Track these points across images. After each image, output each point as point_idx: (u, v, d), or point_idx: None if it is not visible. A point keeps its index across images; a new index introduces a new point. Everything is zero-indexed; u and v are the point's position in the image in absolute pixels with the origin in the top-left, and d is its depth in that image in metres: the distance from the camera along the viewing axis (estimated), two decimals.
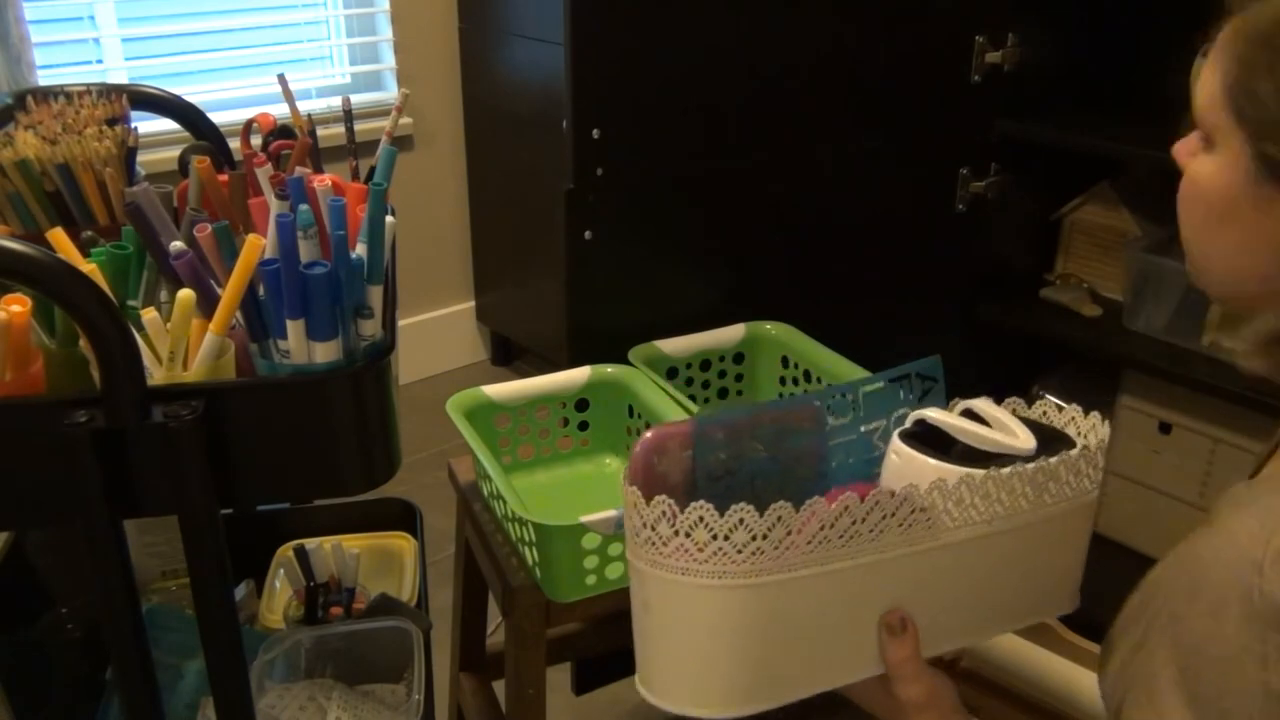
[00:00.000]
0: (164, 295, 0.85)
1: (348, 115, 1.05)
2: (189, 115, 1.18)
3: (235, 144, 1.11)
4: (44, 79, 2.00)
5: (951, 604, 0.77)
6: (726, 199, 1.45)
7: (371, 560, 1.17)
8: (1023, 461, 0.74)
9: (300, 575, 1.07)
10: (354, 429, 0.76)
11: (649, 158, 1.36)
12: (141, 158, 1.06)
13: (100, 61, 2.24)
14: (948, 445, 0.75)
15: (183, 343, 0.75)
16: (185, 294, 0.73)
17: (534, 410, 1.26)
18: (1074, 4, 1.73)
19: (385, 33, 2.57)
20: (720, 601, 0.69)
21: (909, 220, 1.66)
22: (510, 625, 1.11)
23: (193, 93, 1.28)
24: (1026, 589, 0.81)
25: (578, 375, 1.28)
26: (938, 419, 0.76)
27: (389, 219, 0.82)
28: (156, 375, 0.75)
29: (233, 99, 2.35)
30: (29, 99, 1.05)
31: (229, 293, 0.74)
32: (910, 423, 0.78)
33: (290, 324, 0.75)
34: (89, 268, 0.74)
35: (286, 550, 1.14)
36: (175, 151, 1.10)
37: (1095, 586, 0.84)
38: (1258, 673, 0.60)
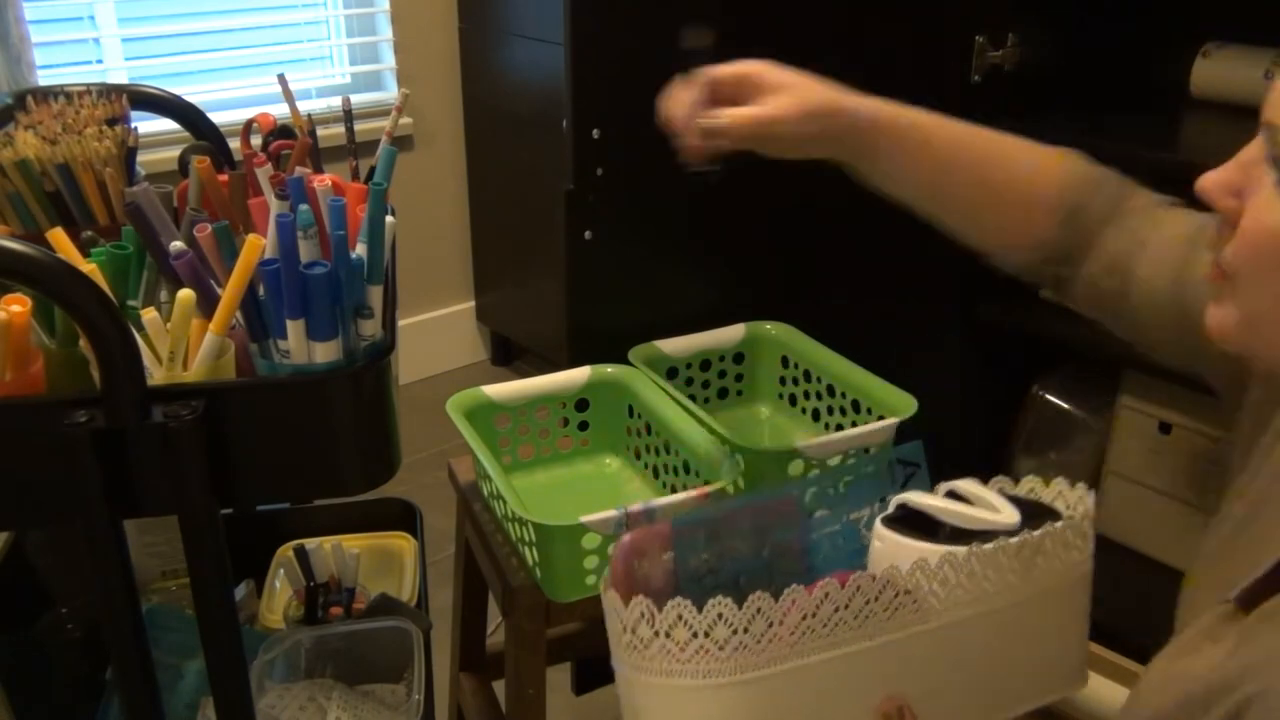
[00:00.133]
0: (164, 295, 0.85)
1: (348, 115, 1.05)
2: (189, 115, 1.18)
3: (235, 144, 1.11)
4: (44, 79, 2.00)
5: (948, 690, 0.75)
6: (726, 199, 1.45)
7: (371, 560, 1.17)
8: (1006, 536, 0.73)
9: (300, 575, 1.07)
10: (354, 429, 0.76)
11: (649, 158, 1.36)
12: (141, 158, 1.06)
13: (100, 61, 2.24)
14: (933, 528, 0.74)
15: (183, 343, 0.75)
16: (185, 294, 0.73)
17: (534, 410, 1.26)
18: (1074, 4, 1.73)
19: (385, 33, 2.57)
20: (707, 703, 0.66)
21: (909, 220, 1.66)
22: (510, 625, 1.11)
23: (193, 93, 1.28)
24: (1027, 670, 0.79)
25: (578, 375, 1.28)
26: (919, 502, 0.75)
27: (389, 219, 0.82)
28: (156, 375, 0.75)
29: (233, 99, 2.35)
30: (29, 99, 1.05)
31: (229, 293, 0.74)
32: (893, 508, 0.76)
33: (290, 324, 0.75)
34: (89, 268, 0.74)
35: (286, 550, 1.14)
36: (175, 151, 1.10)
37: (1095, 587, 0.84)
38: None
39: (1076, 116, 1.70)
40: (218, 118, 1.20)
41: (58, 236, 0.75)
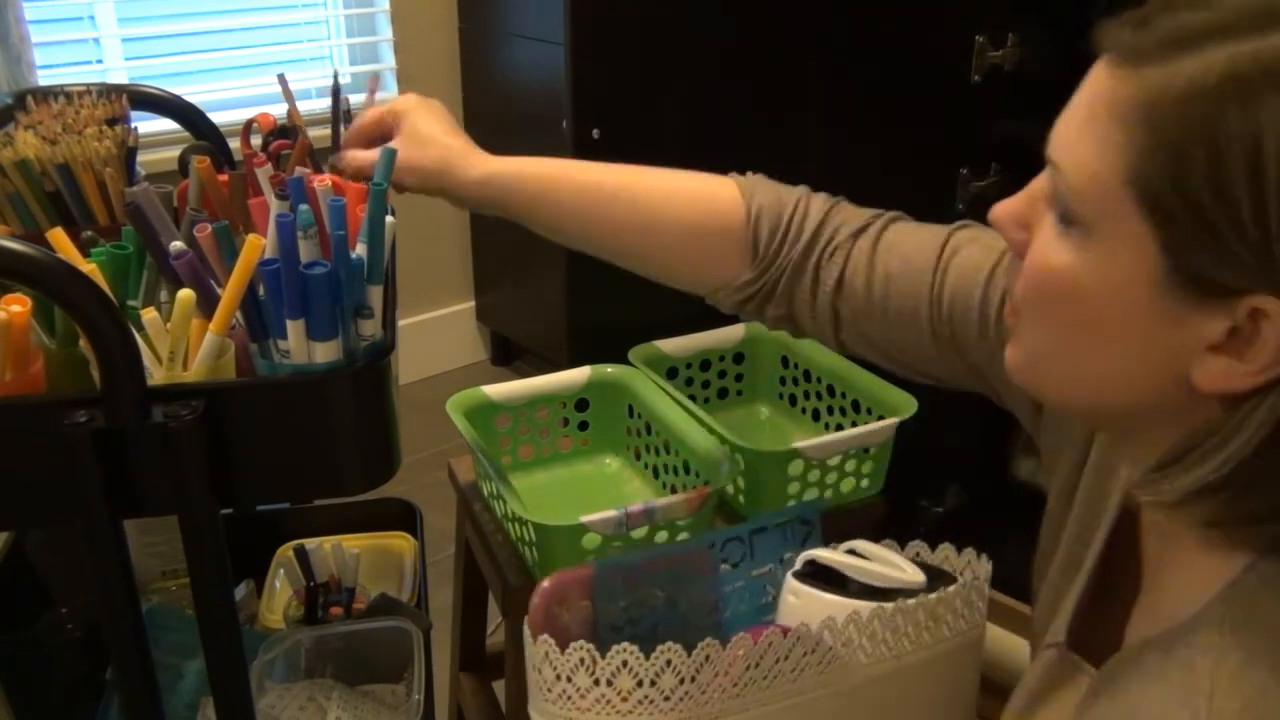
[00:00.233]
0: (164, 295, 0.85)
1: (346, 115, 1.05)
2: (189, 115, 1.18)
3: (235, 144, 1.11)
4: (44, 79, 2.00)
5: None
6: None
7: (371, 560, 1.17)
8: (910, 595, 0.73)
9: (300, 575, 1.07)
10: (354, 429, 0.76)
11: (649, 157, 1.36)
12: (141, 158, 1.06)
13: (100, 61, 2.24)
14: (842, 582, 0.74)
15: (183, 343, 0.75)
16: (185, 294, 0.73)
17: (534, 410, 1.26)
18: (1074, 4, 1.73)
19: (385, 33, 2.57)
20: None
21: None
22: (510, 625, 1.11)
23: (193, 93, 1.28)
24: None
25: (578, 375, 1.28)
26: (828, 558, 0.75)
27: (389, 219, 0.82)
28: (156, 375, 0.75)
29: (233, 99, 2.35)
30: (29, 99, 1.05)
31: (229, 293, 0.74)
32: (800, 564, 0.76)
33: (290, 324, 0.75)
34: (89, 268, 0.74)
35: (286, 550, 1.14)
36: (175, 151, 1.10)
37: None
38: None
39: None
40: (218, 118, 1.20)
41: (58, 236, 0.75)
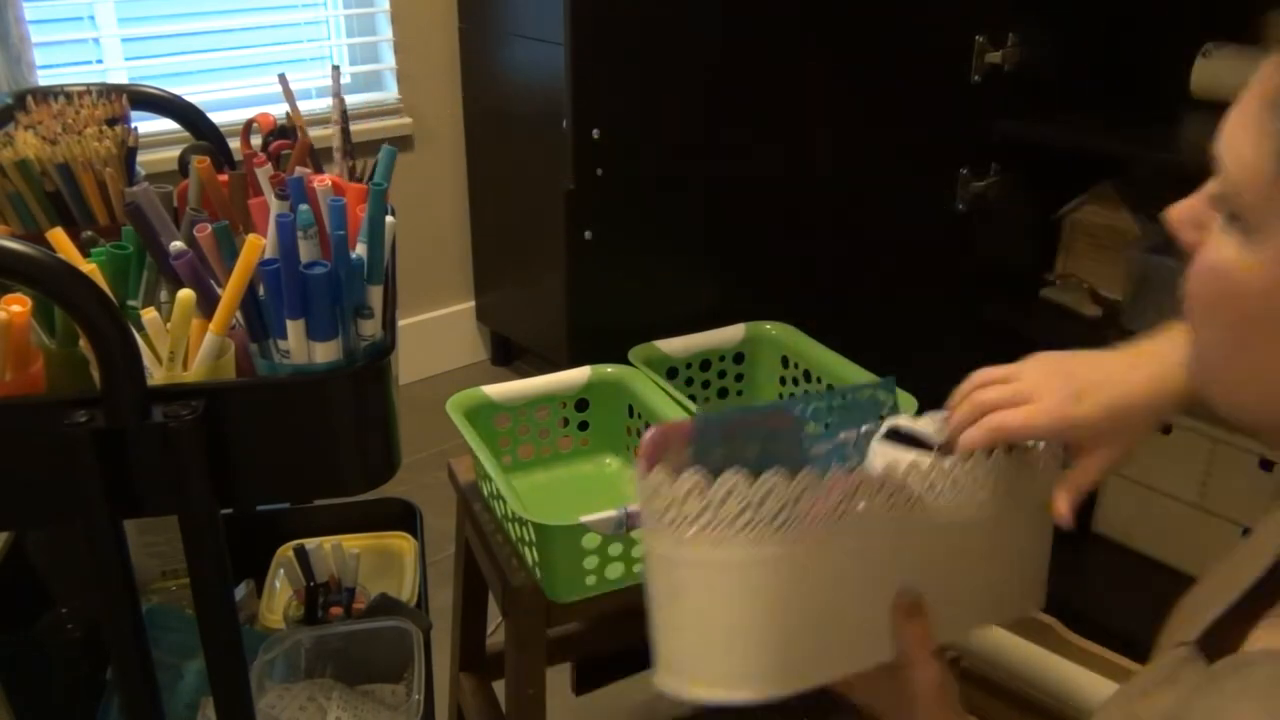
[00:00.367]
0: (164, 295, 0.85)
1: (344, 115, 1.04)
2: (189, 115, 1.18)
3: (235, 144, 1.11)
4: (44, 79, 2.00)
5: (946, 596, 0.78)
6: (727, 199, 1.45)
7: (371, 560, 1.17)
8: (996, 452, 0.77)
9: (300, 575, 1.07)
10: (354, 429, 0.76)
11: (649, 158, 1.36)
12: (141, 158, 1.06)
13: (100, 61, 2.24)
14: (924, 446, 0.79)
15: (183, 343, 0.75)
16: (185, 294, 0.73)
17: (534, 410, 1.26)
18: (1074, 4, 1.73)
19: (385, 33, 2.57)
20: (749, 577, 0.69)
21: (909, 220, 1.66)
22: (510, 625, 1.11)
23: (193, 93, 1.28)
24: (994, 587, 0.84)
25: (578, 375, 1.28)
26: (910, 426, 0.79)
27: (389, 219, 0.82)
28: (156, 375, 0.75)
29: (233, 99, 2.35)
30: (29, 99, 1.05)
31: (229, 293, 0.74)
32: (885, 429, 0.80)
33: (290, 324, 0.75)
34: (89, 268, 0.74)
35: (286, 550, 1.14)
36: (175, 151, 1.10)
37: (1096, 587, 0.84)
38: None
39: (1076, 116, 1.70)
40: (218, 118, 1.20)
41: (58, 236, 0.75)
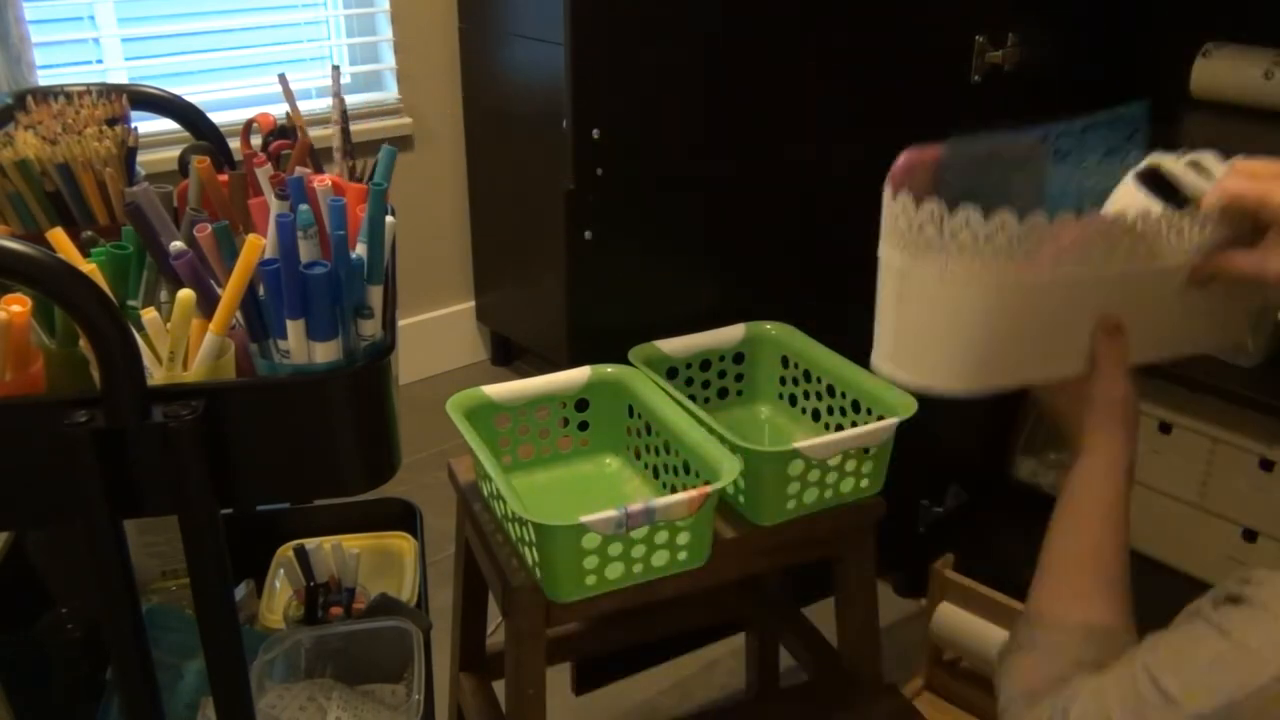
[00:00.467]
0: (164, 295, 0.85)
1: (344, 115, 1.04)
2: (189, 115, 1.18)
3: (235, 144, 1.11)
4: (44, 79, 2.00)
5: (1151, 325, 0.86)
6: (726, 199, 1.45)
7: (371, 560, 1.17)
8: None
9: (300, 575, 1.07)
10: (354, 429, 0.76)
11: (649, 158, 1.36)
12: (141, 158, 1.06)
13: (100, 61, 2.24)
14: (1173, 191, 0.83)
15: (183, 343, 0.75)
16: (185, 294, 0.73)
17: (534, 410, 1.26)
18: (1074, 4, 1.73)
19: (385, 33, 2.57)
20: (969, 295, 0.78)
21: None
22: (510, 625, 1.11)
23: (193, 93, 1.28)
24: (1207, 315, 0.91)
25: (578, 375, 1.28)
26: (1171, 167, 0.83)
27: (389, 219, 0.82)
28: (156, 375, 0.75)
29: (233, 99, 2.35)
30: (29, 99, 1.05)
31: (229, 293, 0.74)
32: (1143, 165, 0.85)
33: (290, 324, 0.75)
34: (89, 268, 0.74)
35: (286, 550, 1.14)
36: (175, 151, 1.10)
37: None
38: None
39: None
40: (218, 118, 1.20)
41: (58, 236, 0.75)
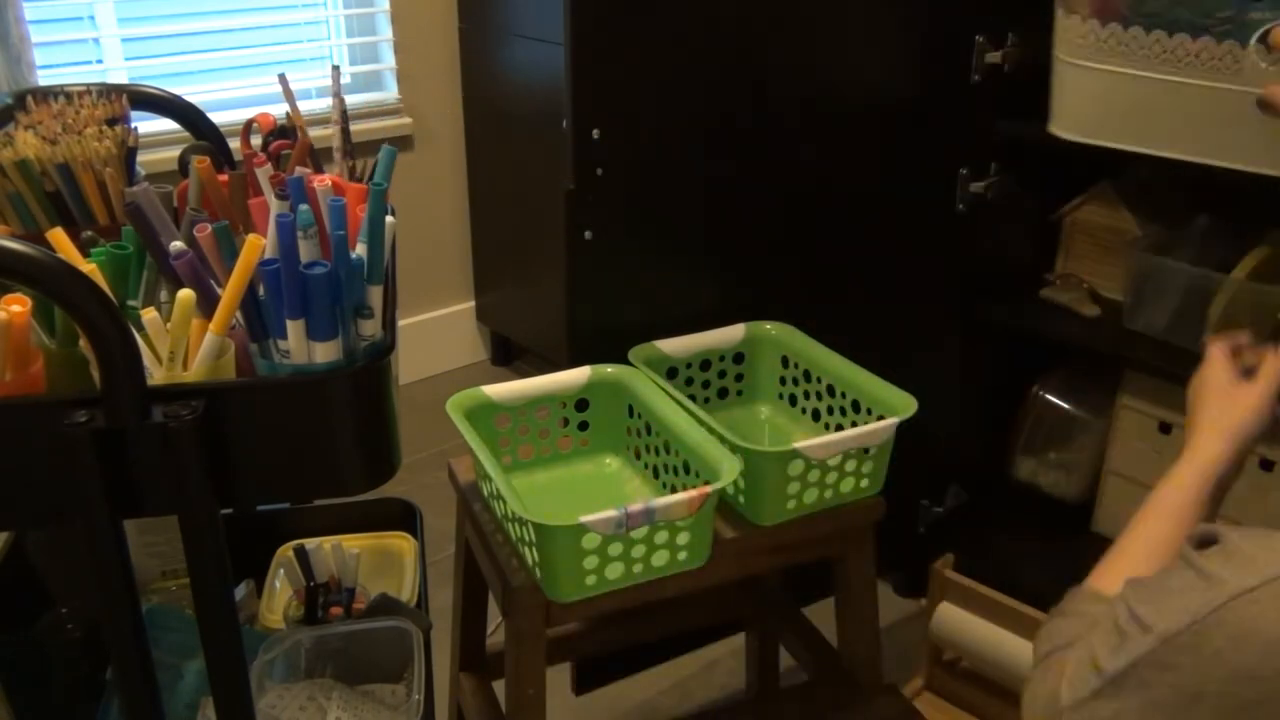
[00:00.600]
0: (164, 295, 0.85)
1: (344, 115, 1.04)
2: (189, 115, 1.18)
3: (235, 144, 1.11)
4: (44, 79, 2.00)
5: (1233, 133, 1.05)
6: (726, 199, 1.45)
7: (371, 560, 1.17)
8: None
9: (300, 575, 1.07)
10: (354, 429, 0.76)
11: (649, 158, 1.36)
12: (141, 158, 1.06)
13: (100, 61, 2.24)
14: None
15: (183, 343, 0.75)
16: (185, 294, 0.73)
17: (534, 410, 1.26)
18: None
19: (385, 33, 2.57)
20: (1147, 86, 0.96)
21: (909, 220, 1.66)
22: (510, 625, 1.11)
23: (193, 93, 1.28)
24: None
25: (578, 375, 1.28)
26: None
27: (389, 219, 0.82)
28: (156, 375, 0.75)
29: (233, 99, 2.35)
30: (29, 99, 1.05)
31: (229, 293, 0.74)
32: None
33: (290, 324, 0.75)
34: (89, 268, 0.74)
35: (286, 550, 1.14)
36: (175, 151, 1.10)
37: None
38: None
39: None
40: (218, 118, 1.20)
41: (58, 236, 0.75)
